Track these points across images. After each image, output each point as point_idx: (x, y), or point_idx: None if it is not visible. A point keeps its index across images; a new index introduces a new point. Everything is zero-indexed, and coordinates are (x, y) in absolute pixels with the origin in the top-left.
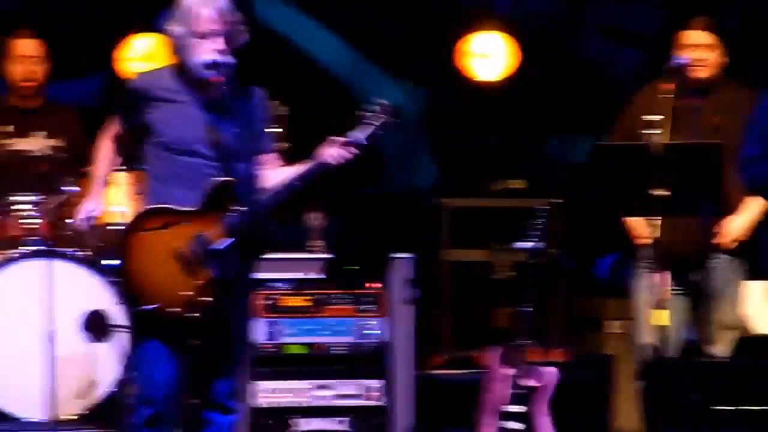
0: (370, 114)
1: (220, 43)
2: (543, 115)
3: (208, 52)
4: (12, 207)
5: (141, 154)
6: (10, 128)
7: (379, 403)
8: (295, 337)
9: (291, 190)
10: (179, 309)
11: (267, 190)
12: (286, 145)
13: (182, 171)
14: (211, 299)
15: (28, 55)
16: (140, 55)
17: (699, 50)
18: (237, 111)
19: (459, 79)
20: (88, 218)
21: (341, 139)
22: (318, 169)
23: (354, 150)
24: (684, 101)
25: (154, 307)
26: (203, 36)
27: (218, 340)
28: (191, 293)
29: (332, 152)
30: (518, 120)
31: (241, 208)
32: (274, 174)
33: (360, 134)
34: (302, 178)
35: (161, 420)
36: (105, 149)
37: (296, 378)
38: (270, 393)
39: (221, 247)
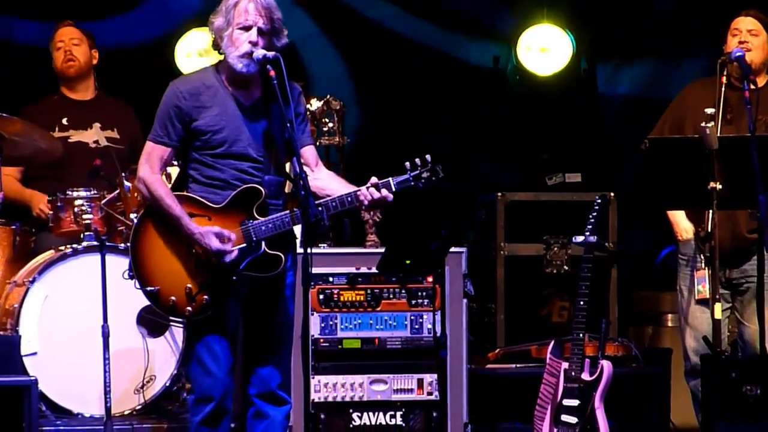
0: (413, 166)
1: (254, 35)
2: (599, 107)
3: (243, 43)
4: (69, 202)
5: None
6: (65, 120)
7: (433, 398)
8: (350, 332)
9: (331, 212)
10: (175, 298)
11: (312, 194)
12: (341, 139)
13: (226, 175)
14: (207, 297)
15: (67, 38)
16: (198, 50)
17: (745, 35)
18: (277, 109)
19: (516, 70)
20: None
21: (377, 181)
22: (352, 201)
23: (387, 194)
24: (735, 94)
25: (155, 290)
26: (241, 28)
27: (263, 331)
28: (191, 286)
29: (365, 192)
30: (574, 113)
31: (263, 218)
32: (322, 180)
33: (395, 182)
34: (341, 202)
35: (220, 416)
36: (161, 185)
37: (351, 372)
38: (325, 387)
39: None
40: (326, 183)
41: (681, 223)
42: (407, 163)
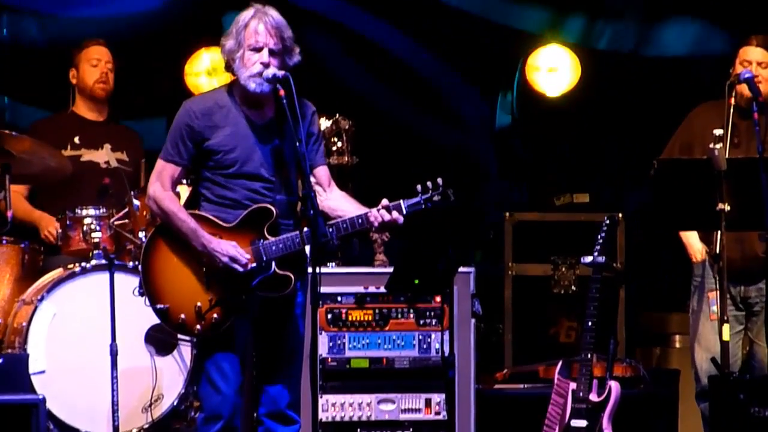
0: (425, 189)
1: (265, 56)
2: (606, 128)
3: (254, 64)
4: (77, 221)
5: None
6: (77, 138)
7: (440, 417)
8: (358, 351)
9: (341, 233)
10: (185, 315)
11: (322, 214)
12: (350, 159)
13: (237, 194)
14: (217, 316)
15: (104, 60)
16: (207, 69)
17: (755, 68)
18: (289, 128)
19: (525, 93)
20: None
21: (388, 203)
22: (362, 223)
23: (397, 216)
24: (743, 121)
25: (164, 307)
26: (252, 49)
27: (273, 350)
28: (201, 304)
29: (376, 214)
30: (582, 134)
31: (275, 238)
32: (333, 201)
33: (406, 205)
34: (352, 224)
35: None
36: (173, 201)
37: (359, 391)
38: (333, 406)
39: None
40: (338, 204)
41: (694, 243)
42: (418, 186)
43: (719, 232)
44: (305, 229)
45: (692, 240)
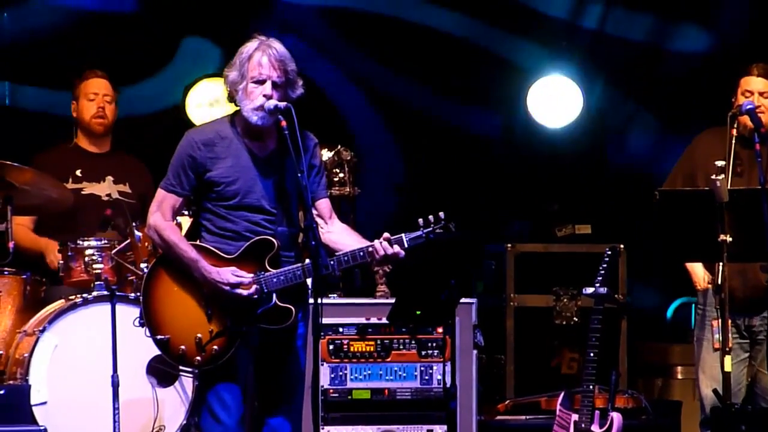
0: (426, 223)
1: (268, 88)
2: (608, 159)
3: (257, 96)
4: (79, 251)
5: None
6: (78, 171)
7: None
8: (359, 382)
9: (342, 266)
10: (185, 347)
11: (323, 247)
12: (352, 190)
13: (239, 226)
14: (217, 347)
15: (101, 93)
16: (208, 101)
17: (757, 98)
18: (291, 160)
19: (526, 123)
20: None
21: (390, 237)
22: (364, 257)
23: (398, 250)
24: (745, 151)
25: (165, 338)
26: (255, 81)
27: (274, 381)
28: (201, 335)
29: (378, 247)
30: (583, 164)
31: (276, 271)
32: (335, 233)
33: (408, 239)
34: (353, 257)
35: None
36: (174, 231)
37: (360, 423)
38: None
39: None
40: (339, 237)
41: (699, 272)
42: (420, 220)
43: (721, 263)
44: (307, 261)
45: (696, 269)
